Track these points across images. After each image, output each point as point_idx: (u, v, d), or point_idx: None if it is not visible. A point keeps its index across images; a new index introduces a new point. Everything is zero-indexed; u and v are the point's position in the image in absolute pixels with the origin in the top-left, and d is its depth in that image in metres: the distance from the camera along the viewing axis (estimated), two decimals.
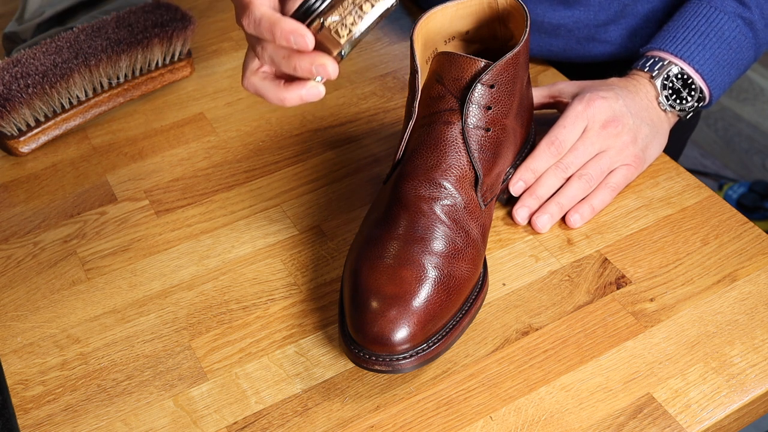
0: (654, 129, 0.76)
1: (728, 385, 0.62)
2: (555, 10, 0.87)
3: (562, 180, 0.73)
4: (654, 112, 0.77)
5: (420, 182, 0.64)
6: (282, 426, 0.60)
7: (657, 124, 0.77)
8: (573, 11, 0.87)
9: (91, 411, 0.62)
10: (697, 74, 0.78)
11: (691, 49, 0.78)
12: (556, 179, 0.73)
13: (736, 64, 0.80)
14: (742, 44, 0.79)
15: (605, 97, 0.74)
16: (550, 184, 0.73)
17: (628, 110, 0.74)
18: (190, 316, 0.68)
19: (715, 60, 0.78)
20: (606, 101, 0.74)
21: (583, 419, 0.60)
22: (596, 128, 0.73)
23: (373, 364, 0.60)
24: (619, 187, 0.74)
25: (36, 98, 0.81)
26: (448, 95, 0.65)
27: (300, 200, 0.78)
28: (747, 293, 0.68)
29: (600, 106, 0.73)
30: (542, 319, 0.66)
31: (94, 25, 0.86)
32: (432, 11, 0.68)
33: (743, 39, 0.79)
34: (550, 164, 0.73)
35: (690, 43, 0.78)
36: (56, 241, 0.75)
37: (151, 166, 0.82)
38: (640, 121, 0.75)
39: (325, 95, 0.89)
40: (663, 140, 0.78)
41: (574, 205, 0.73)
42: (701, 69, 0.78)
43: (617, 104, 0.74)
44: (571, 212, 0.73)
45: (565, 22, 0.88)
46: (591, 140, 0.73)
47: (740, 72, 0.81)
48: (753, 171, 1.98)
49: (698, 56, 0.77)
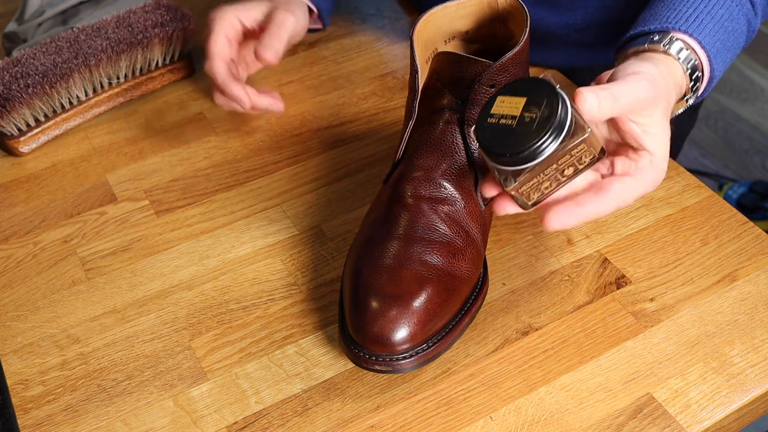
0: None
1: (728, 385, 0.62)
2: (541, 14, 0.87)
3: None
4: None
5: (420, 182, 0.64)
6: (282, 426, 0.60)
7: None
8: (560, 16, 0.87)
9: (91, 411, 0.62)
10: (709, 64, 0.68)
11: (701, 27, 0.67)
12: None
13: (733, 49, 0.72)
14: (740, 34, 0.75)
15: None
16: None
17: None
18: (190, 316, 0.68)
19: (722, 43, 0.69)
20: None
21: (583, 419, 0.60)
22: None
23: (373, 364, 0.60)
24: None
25: (36, 98, 0.81)
26: (448, 95, 0.65)
27: (300, 200, 0.78)
28: (747, 293, 0.68)
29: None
30: (542, 319, 0.66)
31: (94, 25, 0.86)
32: (432, 11, 0.68)
33: (741, 28, 0.74)
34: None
35: (704, 23, 0.67)
36: (56, 241, 0.75)
37: (151, 166, 0.82)
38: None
39: (325, 95, 0.89)
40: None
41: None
42: (714, 59, 0.68)
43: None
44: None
45: (551, 28, 0.87)
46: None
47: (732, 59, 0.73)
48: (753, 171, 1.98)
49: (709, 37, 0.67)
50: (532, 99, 0.53)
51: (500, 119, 0.54)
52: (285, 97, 0.89)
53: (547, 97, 0.52)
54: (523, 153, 0.52)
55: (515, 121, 0.53)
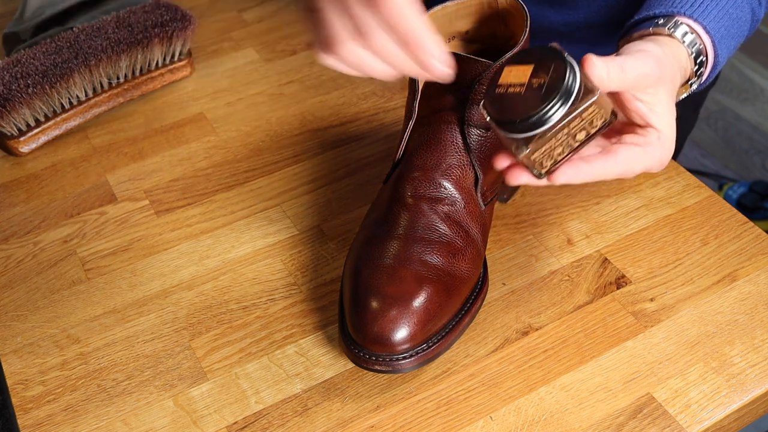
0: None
1: (728, 385, 0.62)
2: (543, 12, 0.87)
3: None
4: None
5: (420, 182, 0.64)
6: (282, 426, 0.60)
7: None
8: (563, 14, 0.87)
9: (91, 411, 0.62)
10: (713, 50, 0.67)
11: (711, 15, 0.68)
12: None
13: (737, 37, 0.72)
14: (744, 22, 0.74)
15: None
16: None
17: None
18: (190, 316, 0.68)
19: (726, 29, 0.69)
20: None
21: (583, 419, 0.60)
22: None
23: (373, 364, 0.60)
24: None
25: (36, 98, 0.81)
26: (448, 95, 0.65)
27: (300, 200, 0.78)
28: (747, 293, 0.68)
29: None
30: (542, 319, 0.66)
31: (94, 25, 0.86)
32: (432, 11, 0.68)
33: (746, 16, 0.74)
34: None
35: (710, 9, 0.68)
36: (56, 241, 0.75)
37: (151, 166, 0.82)
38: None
39: (325, 95, 0.89)
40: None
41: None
42: (717, 43, 0.68)
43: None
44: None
45: (554, 25, 0.88)
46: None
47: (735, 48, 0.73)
48: (753, 171, 1.98)
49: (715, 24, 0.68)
50: (540, 66, 0.53)
51: (508, 88, 0.53)
52: (285, 97, 0.89)
53: (555, 63, 0.52)
54: (533, 118, 0.51)
55: (523, 87, 0.52)
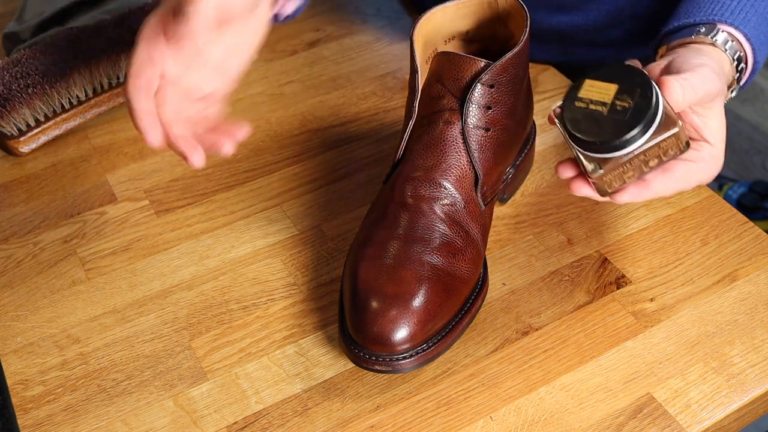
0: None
1: (728, 385, 0.61)
2: (553, 16, 0.87)
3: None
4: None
5: (420, 182, 0.64)
6: (282, 426, 0.60)
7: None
8: (571, 16, 0.87)
9: (91, 411, 0.62)
10: (752, 55, 0.68)
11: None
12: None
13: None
14: None
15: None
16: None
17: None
18: (190, 316, 0.68)
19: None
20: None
21: (583, 419, 0.60)
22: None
23: (373, 364, 0.60)
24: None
25: (36, 98, 0.81)
26: (448, 95, 0.65)
27: (300, 200, 0.78)
28: (747, 293, 0.68)
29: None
30: (542, 319, 0.66)
31: (94, 25, 0.86)
32: (432, 11, 0.68)
33: None
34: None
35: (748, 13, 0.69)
36: (56, 241, 0.75)
37: (151, 166, 0.82)
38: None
39: (325, 95, 0.89)
40: None
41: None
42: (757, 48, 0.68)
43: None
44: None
45: (563, 28, 0.88)
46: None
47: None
48: (753, 171, 1.98)
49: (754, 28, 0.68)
50: (624, 87, 0.53)
51: (590, 104, 0.54)
52: (285, 97, 0.89)
53: (641, 87, 0.52)
54: (614, 143, 0.52)
55: (606, 108, 0.53)
